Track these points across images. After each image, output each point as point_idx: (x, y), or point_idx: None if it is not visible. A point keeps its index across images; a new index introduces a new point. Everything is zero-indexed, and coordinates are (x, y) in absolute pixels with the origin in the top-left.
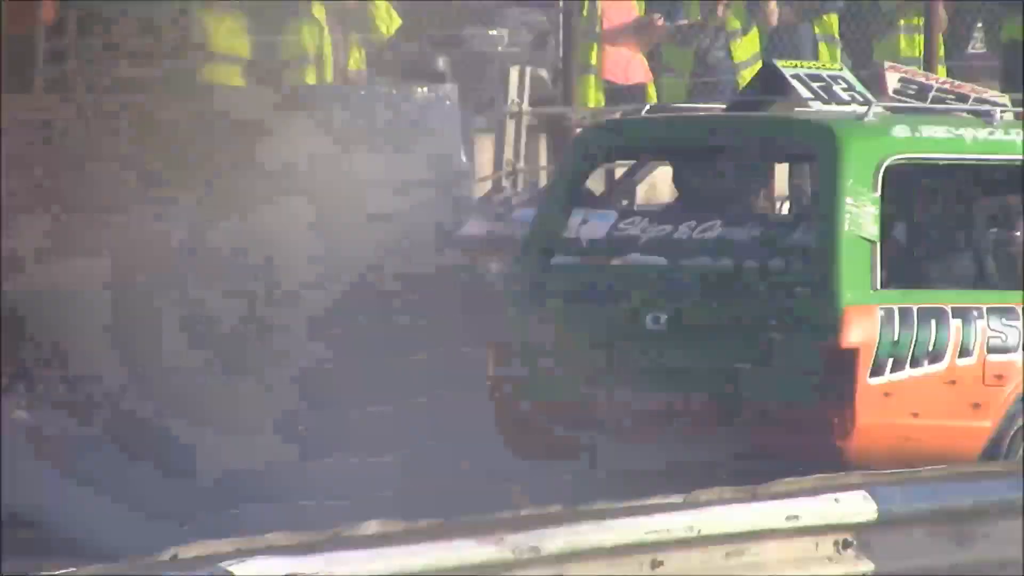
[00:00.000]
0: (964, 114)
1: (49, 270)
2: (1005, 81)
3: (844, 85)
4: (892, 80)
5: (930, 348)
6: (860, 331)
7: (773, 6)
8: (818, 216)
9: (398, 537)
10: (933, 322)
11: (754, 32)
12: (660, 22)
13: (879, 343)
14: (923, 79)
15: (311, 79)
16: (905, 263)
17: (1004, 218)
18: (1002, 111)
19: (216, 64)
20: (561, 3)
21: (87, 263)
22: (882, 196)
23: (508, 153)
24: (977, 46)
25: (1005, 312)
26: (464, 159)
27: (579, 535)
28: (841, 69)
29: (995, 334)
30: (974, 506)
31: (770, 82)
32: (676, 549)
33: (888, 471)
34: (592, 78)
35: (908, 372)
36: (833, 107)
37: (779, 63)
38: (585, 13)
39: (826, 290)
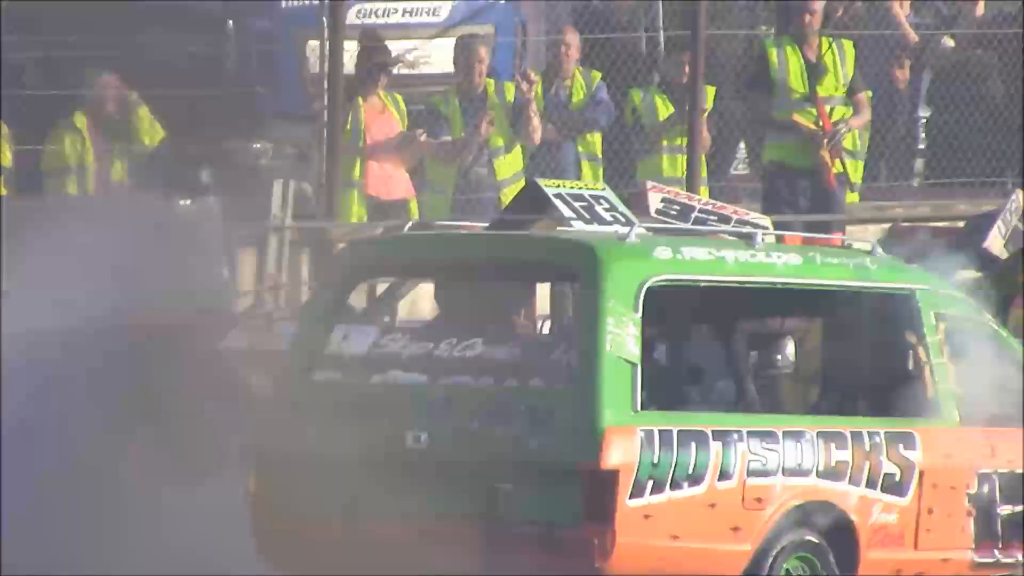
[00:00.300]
0: (727, 236)
1: None
2: (767, 202)
3: (606, 205)
4: (655, 200)
5: (690, 471)
6: (620, 452)
7: (536, 124)
8: (579, 336)
9: None
10: (693, 444)
11: (517, 150)
12: (423, 138)
13: (639, 465)
14: (685, 199)
15: (72, 189)
16: (666, 384)
17: (764, 340)
18: (764, 233)
19: None
20: (325, 117)
21: None
22: (644, 317)
23: (270, 267)
24: (740, 167)
25: (765, 435)
26: (226, 272)
27: None
28: (603, 189)
29: (755, 457)
30: None
31: (532, 200)
32: None
33: None
34: (355, 192)
35: (668, 494)
36: (595, 227)
37: (541, 182)
38: (349, 127)
39: (586, 411)
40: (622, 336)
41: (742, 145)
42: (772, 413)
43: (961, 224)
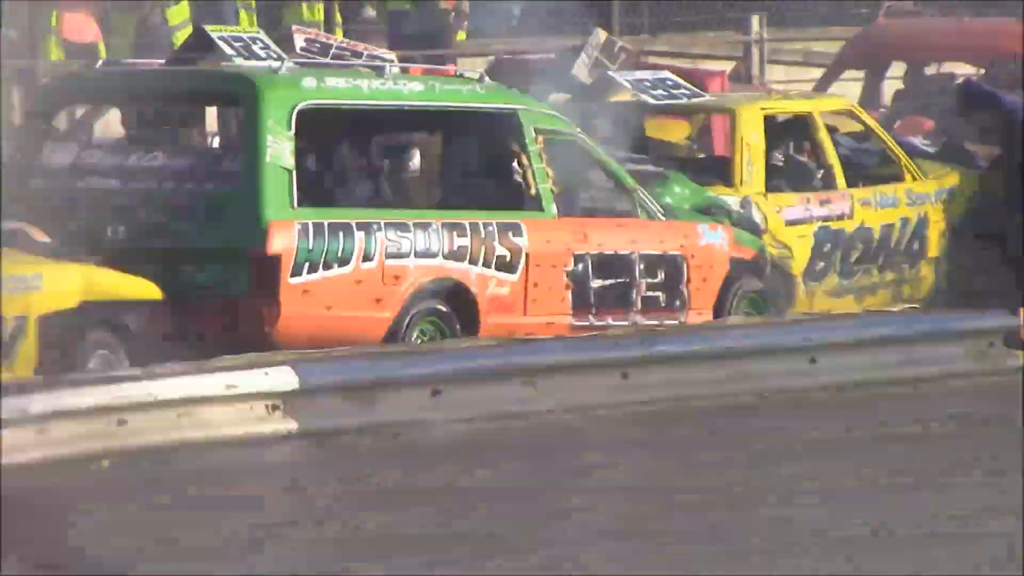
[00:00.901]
0: (363, 69)
1: None
2: (391, 41)
3: (261, 44)
4: (299, 40)
5: (339, 255)
6: (281, 241)
7: None
8: (244, 150)
9: None
10: (341, 234)
11: (184, 1)
12: None
13: (297, 250)
14: (324, 39)
15: None
16: (318, 188)
17: (396, 151)
18: (391, 66)
19: None
20: None
21: None
22: (297, 134)
23: None
24: (369, 12)
25: (399, 226)
26: None
27: (59, 399)
28: (258, 32)
29: (391, 243)
30: (376, 379)
31: (200, 42)
32: (138, 411)
33: (308, 351)
34: (53, 37)
35: (322, 274)
36: (253, 62)
37: (208, 27)
38: None
39: (253, 208)
40: (279, 149)
41: None
42: (405, 208)
43: (552, 56)
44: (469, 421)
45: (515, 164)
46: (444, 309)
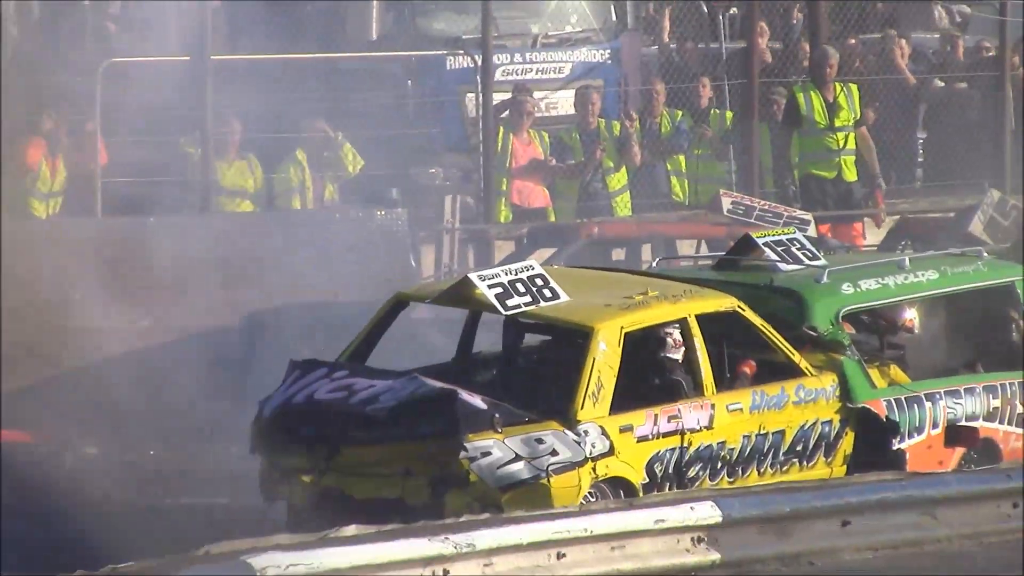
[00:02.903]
0: (881, 261)
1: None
2: (804, 203)
3: (798, 245)
4: (727, 202)
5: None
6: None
7: (636, 150)
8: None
9: (369, 537)
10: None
11: (623, 169)
12: (552, 162)
13: None
14: (748, 201)
15: (296, 205)
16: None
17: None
18: (810, 226)
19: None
20: (481, 148)
21: None
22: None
23: (445, 258)
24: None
25: (954, 393)
26: (413, 264)
27: (503, 534)
28: (794, 232)
29: (950, 409)
30: (791, 511)
31: (745, 245)
32: (575, 544)
33: (727, 487)
34: (502, 201)
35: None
36: (795, 267)
37: (754, 234)
38: (499, 150)
39: None
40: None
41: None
42: (952, 376)
43: (951, 215)
44: (875, 550)
45: (1013, 328)
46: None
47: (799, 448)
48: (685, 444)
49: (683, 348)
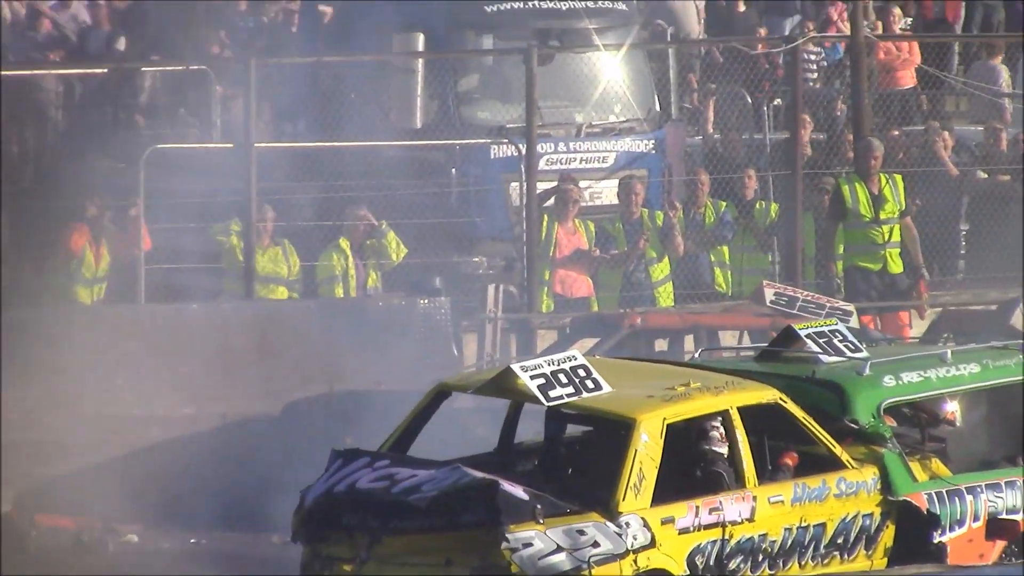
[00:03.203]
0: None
1: None
2: (848, 294)
3: (840, 336)
4: (769, 294)
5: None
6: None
7: (679, 240)
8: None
9: None
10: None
11: (665, 259)
12: (596, 252)
13: None
14: (791, 292)
15: (339, 293)
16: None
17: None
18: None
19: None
20: (524, 237)
21: None
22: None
23: (487, 348)
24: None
25: (994, 487)
26: (455, 353)
27: None
28: (835, 323)
29: (991, 503)
30: None
31: (787, 336)
32: None
33: None
34: (545, 290)
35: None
36: (836, 358)
37: (796, 325)
38: (543, 239)
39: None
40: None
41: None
42: (983, 471)
43: (993, 307)
44: None
45: None
46: None
47: (840, 541)
48: (726, 536)
49: (725, 440)
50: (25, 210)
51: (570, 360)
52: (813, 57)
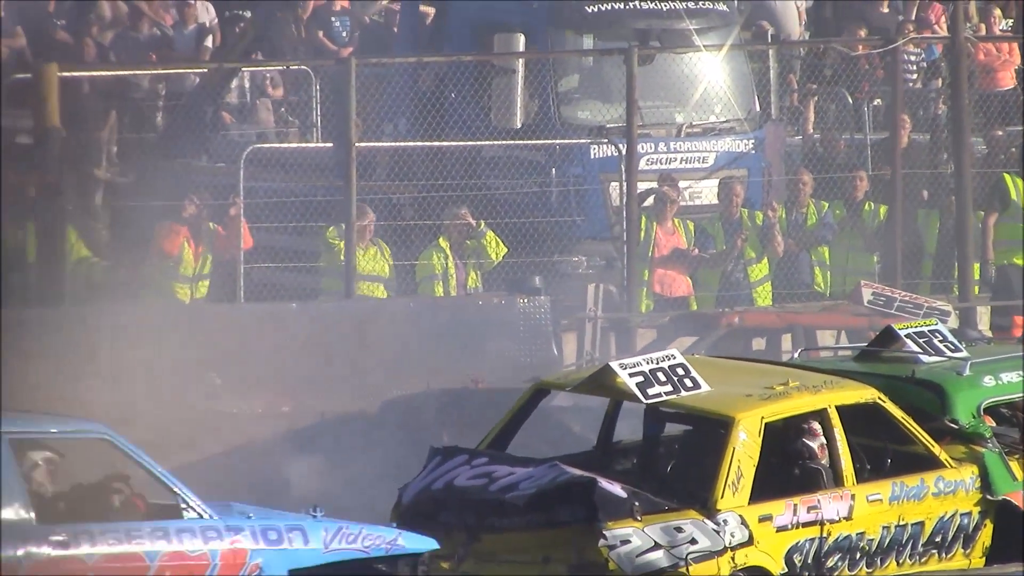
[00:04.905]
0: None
1: None
2: (996, 292)
3: (940, 337)
4: (867, 293)
5: None
6: None
7: (779, 240)
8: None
9: None
10: None
11: (764, 260)
12: (695, 252)
13: None
14: (889, 292)
15: (439, 292)
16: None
17: None
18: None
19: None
20: (624, 237)
21: None
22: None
23: (587, 347)
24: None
25: None
26: (555, 351)
27: None
28: (935, 324)
29: None
30: None
31: (887, 336)
32: None
33: None
34: (644, 290)
35: None
36: (936, 358)
37: (896, 325)
38: (642, 238)
39: None
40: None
41: None
42: None
43: None
44: None
45: None
46: None
47: (938, 539)
48: (824, 534)
49: (823, 439)
50: (123, 209)
51: (669, 359)
52: (912, 58)
